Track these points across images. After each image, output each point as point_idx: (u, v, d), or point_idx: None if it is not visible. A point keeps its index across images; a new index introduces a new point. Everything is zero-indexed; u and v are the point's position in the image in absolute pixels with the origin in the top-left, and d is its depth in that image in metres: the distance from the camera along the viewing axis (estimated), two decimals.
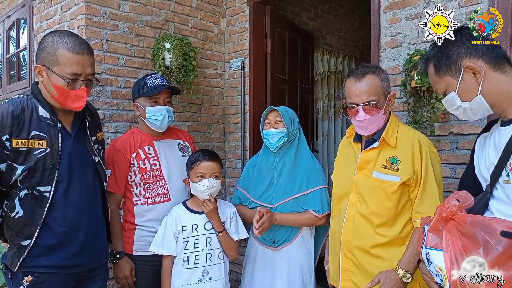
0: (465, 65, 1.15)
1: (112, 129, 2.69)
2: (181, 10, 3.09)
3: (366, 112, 1.58)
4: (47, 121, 1.55)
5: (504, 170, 1.11)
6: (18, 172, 1.48)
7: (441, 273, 1.06)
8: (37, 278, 1.54)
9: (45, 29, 3.05)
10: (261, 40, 3.30)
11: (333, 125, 4.53)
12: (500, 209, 1.12)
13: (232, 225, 1.99)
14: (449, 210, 1.07)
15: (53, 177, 1.54)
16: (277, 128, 2.04)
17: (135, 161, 2.04)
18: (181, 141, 2.22)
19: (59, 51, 1.50)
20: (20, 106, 1.51)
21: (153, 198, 2.04)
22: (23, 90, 3.41)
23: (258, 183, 2.12)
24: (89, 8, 2.59)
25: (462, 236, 1.03)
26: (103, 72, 2.66)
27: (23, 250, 1.52)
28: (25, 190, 1.51)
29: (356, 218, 1.66)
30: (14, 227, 1.54)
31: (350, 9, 4.83)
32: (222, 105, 3.45)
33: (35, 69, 1.55)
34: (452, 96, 1.20)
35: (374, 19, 2.44)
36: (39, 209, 1.53)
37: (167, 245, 1.89)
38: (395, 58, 2.32)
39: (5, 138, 1.46)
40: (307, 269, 2.08)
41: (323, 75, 4.35)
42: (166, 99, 2.07)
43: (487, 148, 1.24)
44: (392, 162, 1.60)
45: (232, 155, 3.43)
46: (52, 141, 1.54)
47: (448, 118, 2.12)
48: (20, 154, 1.48)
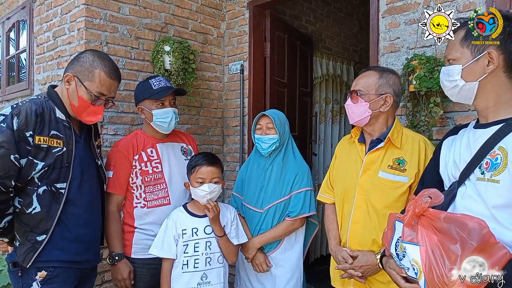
0: (489, 51, 1.17)
1: (111, 131, 2.69)
2: (181, 13, 3.10)
3: (352, 98, 1.73)
4: (63, 122, 1.66)
5: (478, 167, 1.15)
6: (38, 168, 1.56)
7: (416, 266, 1.10)
8: (51, 272, 1.61)
9: (45, 31, 3.05)
10: (261, 43, 3.31)
11: (330, 129, 4.54)
12: (466, 205, 1.17)
13: (233, 229, 2.00)
14: (421, 206, 1.12)
15: (68, 175, 1.64)
16: (269, 135, 2.08)
17: (137, 163, 2.04)
18: (184, 144, 2.23)
19: (97, 71, 1.67)
20: (41, 106, 1.61)
21: (153, 201, 2.05)
22: (22, 91, 3.42)
23: (250, 188, 2.17)
24: (89, 10, 2.60)
25: (437, 232, 1.07)
26: None
27: (38, 245, 1.59)
28: (44, 187, 1.59)
29: (364, 220, 1.67)
30: (29, 223, 1.59)
31: (349, 13, 4.84)
32: (221, 108, 3.46)
33: (66, 76, 1.68)
34: (457, 68, 1.22)
35: (373, 24, 2.46)
36: (56, 205, 1.61)
37: (167, 248, 1.89)
38: (393, 62, 2.33)
39: (29, 134, 1.54)
40: (297, 268, 2.12)
41: (322, 79, 4.36)
42: (171, 100, 2.10)
43: (457, 148, 1.27)
44: (399, 163, 1.64)
45: (230, 158, 3.44)
46: (68, 142, 1.65)
47: (446, 122, 2.13)
48: (41, 150, 1.57)
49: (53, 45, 2.96)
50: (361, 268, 1.63)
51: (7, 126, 1.51)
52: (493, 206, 1.11)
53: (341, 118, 4.71)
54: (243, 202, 2.19)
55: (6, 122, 1.51)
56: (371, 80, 1.70)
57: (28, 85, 3.31)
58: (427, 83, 2.02)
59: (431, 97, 2.05)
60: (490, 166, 1.13)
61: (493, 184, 1.11)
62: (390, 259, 1.29)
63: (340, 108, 4.67)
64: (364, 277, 1.65)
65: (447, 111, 2.11)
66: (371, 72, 1.73)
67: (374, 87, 1.69)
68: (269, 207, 2.08)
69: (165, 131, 2.10)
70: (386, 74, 1.72)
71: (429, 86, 2.02)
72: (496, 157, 1.12)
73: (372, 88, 1.69)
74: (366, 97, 1.68)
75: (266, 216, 2.08)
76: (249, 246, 2.08)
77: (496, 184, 1.10)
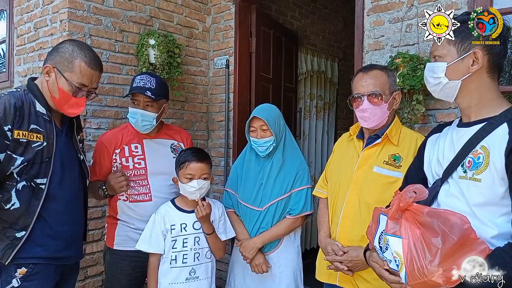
0: (474, 51, 1.18)
1: (94, 125, 2.66)
2: (166, 7, 3.07)
3: (370, 102, 1.67)
4: (44, 116, 1.61)
5: (461, 166, 1.18)
6: (17, 163, 1.52)
7: (398, 258, 1.13)
8: (31, 269, 1.57)
9: (26, 22, 2.99)
10: (246, 38, 3.31)
11: (314, 124, 4.57)
12: (449, 203, 1.20)
13: (221, 225, 2.00)
14: (406, 200, 1.14)
15: (48, 170, 1.59)
16: (264, 138, 2.03)
17: (118, 157, 2.04)
18: (175, 141, 2.19)
19: (77, 61, 1.62)
20: (20, 99, 1.55)
21: (134, 195, 2.04)
22: (2, 83, 3.33)
23: (247, 186, 2.11)
24: (72, 2, 2.55)
25: (420, 225, 1.10)
26: None
27: (18, 242, 1.55)
28: (23, 182, 1.54)
29: (354, 215, 1.69)
30: (8, 219, 1.55)
31: (334, 9, 4.88)
32: (206, 103, 3.45)
33: (45, 68, 1.63)
34: (442, 65, 1.23)
35: (358, 21, 2.48)
36: (35, 200, 1.57)
37: (155, 243, 1.88)
38: (377, 60, 2.36)
39: (7, 129, 1.49)
40: (297, 266, 2.10)
41: (307, 75, 4.38)
42: (145, 102, 2.01)
43: (441, 146, 1.30)
44: (394, 159, 1.66)
45: (215, 153, 3.44)
46: (48, 136, 1.60)
47: (427, 119, 2.18)
48: (20, 145, 1.52)
49: (34, 36, 2.89)
50: (350, 262, 1.64)
51: None
52: (474, 204, 1.13)
53: (325, 114, 4.75)
54: (239, 199, 2.12)
55: None
56: (383, 80, 1.69)
57: (8, 77, 3.23)
58: (410, 81, 2.05)
59: (413, 94, 2.09)
60: (472, 165, 1.15)
61: (475, 183, 1.13)
62: (373, 253, 1.31)
63: (324, 104, 4.71)
64: (351, 270, 1.66)
65: (429, 108, 2.16)
66: (379, 72, 1.71)
67: (387, 86, 1.69)
68: (269, 205, 2.02)
69: (139, 130, 2.06)
70: (390, 72, 1.73)
71: (412, 84, 2.05)
72: (478, 156, 1.14)
73: (386, 88, 1.68)
74: (385, 98, 1.68)
75: (266, 215, 2.03)
76: (250, 246, 2.00)
77: (477, 183, 1.13)
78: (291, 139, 2.16)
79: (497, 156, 1.10)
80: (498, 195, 1.10)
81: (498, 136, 1.12)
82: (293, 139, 2.18)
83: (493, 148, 1.12)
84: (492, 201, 1.11)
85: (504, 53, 1.21)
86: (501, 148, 1.09)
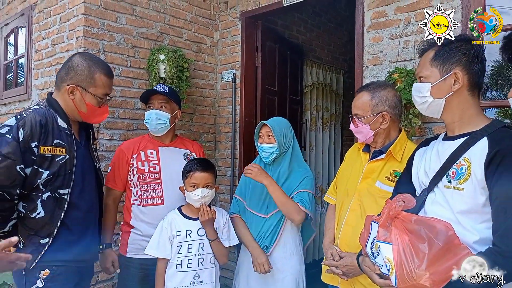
0: (455, 71, 1.28)
1: (107, 136, 2.79)
2: (175, 23, 3.22)
3: (353, 123, 1.80)
4: (65, 131, 1.72)
5: (445, 176, 1.27)
6: (43, 176, 1.63)
7: (389, 263, 1.21)
8: (54, 271, 1.67)
9: (44, 38, 3.15)
10: (252, 53, 3.44)
11: (321, 136, 4.66)
12: (435, 210, 1.28)
13: (225, 232, 2.08)
14: (395, 209, 1.23)
15: (70, 181, 1.70)
16: (269, 144, 2.13)
17: (135, 161, 2.19)
18: (188, 151, 2.34)
19: (97, 75, 1.75)
20: (44, 116, 1.66)
21: (146, 199, 2.16)
22: (20, 96, 3.50)
23: (254, 194, 2.20)
24: (88, 20, 2.70)
25: (408, 232, 1.18)
26: None
27: (42, 248, 1.65)
28: (48, 193, 1.65)
29: (356, 223, 1.75)
30: (33, 226, 1.65)
31: (339, 23, 4.97)
32: (213, 115, 3.57)
33: (68, 89, 1.73)
34: (427, 86, 1.33)
35: (358, 38, 2.59)
36: (59, 210, 1.67)
37: (162, 249, 1.98)
38: (376, 74, 2.46)
39: (34, 145, 1.60)
40: (299, 274, 2.16)
41: (312, 87, 4.48)
42: (160, 104, 2.21)
43: (428, 158, 1.39)
44: (396, 175, 1.70)
45: (222, 163, 3.54)
46: (70, 149, 1.71)
47: (424, 132, 2.26)
48: (45, 160, 1.63)
49: (51, 52, 3.05)
50: (344, 267, 1.72)
51: (13, 138, 1.56)
52: (458, 211, 1.22)
53: (331, 126, 4.84)
54: (246, 207, 2.21)
55: (12, 133, 1.56)
56: (364, 102, 1.75)
57: (26, 90, 3.39)
58: (407, 95, 2.14)
59: (410, 108, 2.18)
60: (456, 175, 1.24)
61: (458, 192, 1.22)
62: (365, 258, 1.40)
63: (330, 115, 4.80)
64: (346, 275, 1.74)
65: (425, 121, 2.24)
66: (363, 94, 1.77)
67: (369, 108, 1.73)
68: (274, 212, 2.11)
69: (154, 132, 2.24)
70: (378, 92, 1.75)
71: (408, 98, 2.13)
72: (461, 167, 1.23)
73: (367, 110, 1.74)
74: (365, 119, 1.74)
75: (270, 220, 2.12)
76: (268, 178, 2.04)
77: (461, 192, 1.21)
78: (298, 154, 2.25)
79: (477, 167, 1.18)
80: (479, 203, 1.18)
81: (478, 149, 1.21)
82: (300, 155, 2.26)
83: (474, 160, 1.20)
84: (474, 208, 1.20)
85: (482, 72, 1.31)
86: (481, 160, 1.18)
